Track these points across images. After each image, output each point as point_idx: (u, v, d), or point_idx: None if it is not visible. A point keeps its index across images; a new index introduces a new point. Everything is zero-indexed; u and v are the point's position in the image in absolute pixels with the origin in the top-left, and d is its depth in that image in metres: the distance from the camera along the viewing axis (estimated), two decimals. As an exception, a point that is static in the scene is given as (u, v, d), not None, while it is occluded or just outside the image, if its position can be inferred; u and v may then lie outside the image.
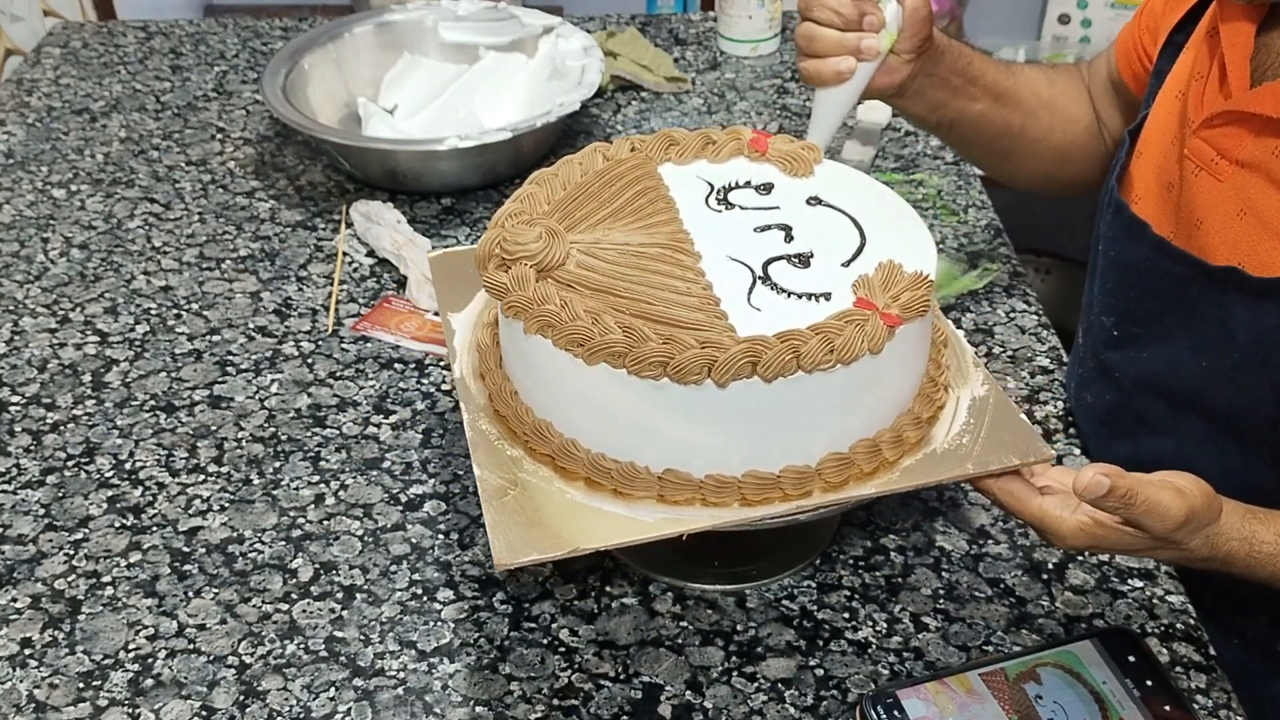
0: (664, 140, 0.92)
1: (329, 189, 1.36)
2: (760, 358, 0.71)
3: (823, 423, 0.75)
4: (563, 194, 0.86)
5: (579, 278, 0.78)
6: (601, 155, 0.91)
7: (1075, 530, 0.75)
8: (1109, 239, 0.98)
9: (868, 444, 0.77)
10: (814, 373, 0.72)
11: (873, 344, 0.72)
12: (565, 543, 0.73)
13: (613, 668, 0.83)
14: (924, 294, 0.76)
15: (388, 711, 0.80)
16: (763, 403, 0.73)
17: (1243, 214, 0.85)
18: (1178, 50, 0.96)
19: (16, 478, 0.99)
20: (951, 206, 1.31)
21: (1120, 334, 0.97)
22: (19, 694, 0.81)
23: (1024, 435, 0.79)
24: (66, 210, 1.33)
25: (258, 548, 0.92)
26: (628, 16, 1.74)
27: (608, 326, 0.74)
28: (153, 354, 1.12)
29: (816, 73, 0.96)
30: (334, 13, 2.18)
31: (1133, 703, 0.76)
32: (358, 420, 1.04)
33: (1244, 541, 0.77)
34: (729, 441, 0.75)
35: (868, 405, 0.77)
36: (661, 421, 0.75)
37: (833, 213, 0.85)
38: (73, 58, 1.66)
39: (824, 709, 0.80)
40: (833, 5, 0.94)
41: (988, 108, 1.06)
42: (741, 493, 0.75)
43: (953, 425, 0.81)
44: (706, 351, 0.71)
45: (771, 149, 0.91)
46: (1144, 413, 0.96)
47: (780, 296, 0.77)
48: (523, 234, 0.80)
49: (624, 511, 0.76)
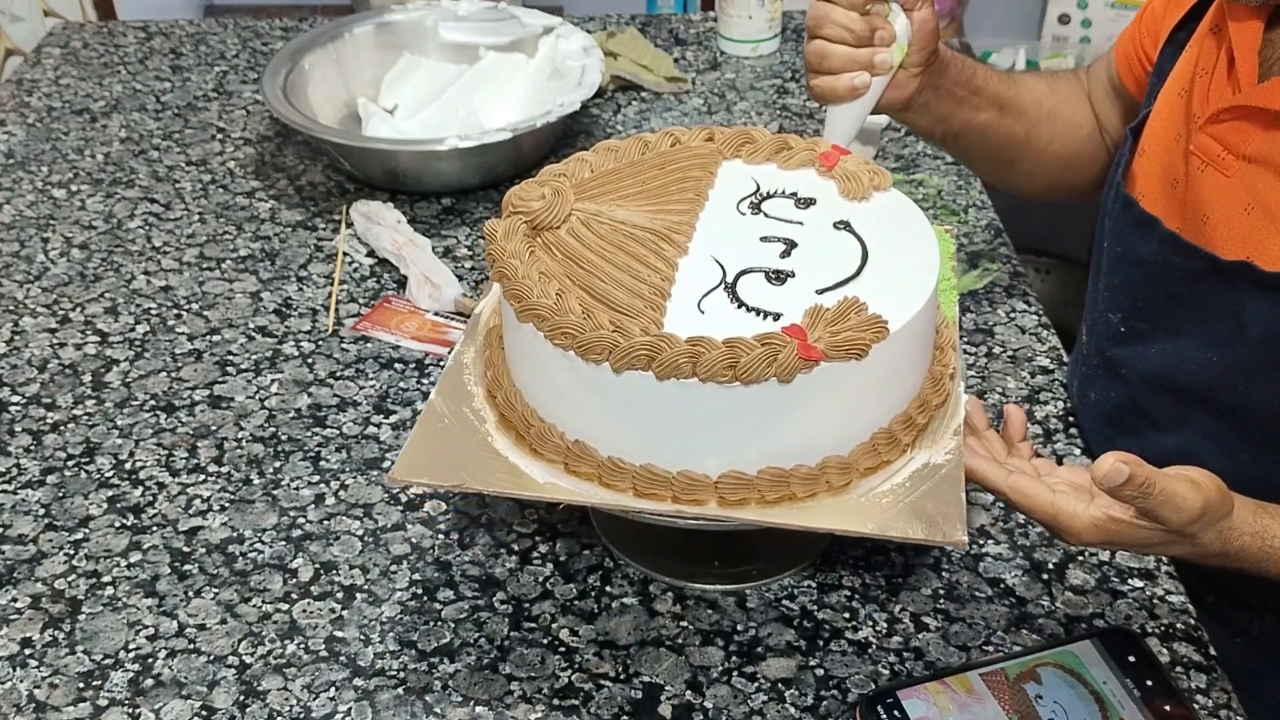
0: (741, 137, 0.92)
1: (329, 189, 1.36)
2: (659, 354, 0.71)
3: (759, 436, 0.74)
4: (611, 166, 0.88)
5: (560, 241, 0.81)
6: (673, 139, 0.92)
7: (1090, 526, 0.74)
8: (1115, 235, 0.98)
9: (807, 470, 0.75)
10: (748, 385, 0.71)
11: (782, 372, 0.71)
12: (457, 478, 0.78)
13: (613, 668, 0.83)
14: (866, 338, 0.72)
15: (388, 711, 0.80)
16: (698, 403, 0.72)
17: (1250, 209, 0.85)
18: (1179, 48, 0.96)
19: (16, 478, 0.99)
20: (951, 206, 1.31)
21: (1127, 330, 0.97)
22: (19, 694, 0.81)
23: (948, 516, 0.74)
24: (66, 210, 1.33)
25: (258, 548, 0.92)
26: (628, 16, 1.75)
27: (545, 291, 0.76)
28: (153, 354, 1.12)
29: (831, 89, 0.94)
30: (334, 13, 2.18)
31: (1133, 703, 0.76)
32: (358, 420, 1.04)
33: (1256, 536, 0.77)
34: (663, 437, 0.75)
35: (802, 431, 0.75)
36: (601, 403, 0.76)
37: (852, 240, 0.83)
38: (73, 58, 1.66)
39: (824, 709, 0.80)
40: (844, 22, 0.93)
41: (992, 118, 1.06)
42: (673, 490, 0.76)
43: (887, 481, 0.77)
44: (613, 335, 0.72)
45: (838, 167, 0.89)
46: (1151, 409, 0.96)
47: (732, 306, 0.76)
48: (532, 191, 0.83)
49: (530, 470, 0.78)
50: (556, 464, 0.79)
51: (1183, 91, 0.93)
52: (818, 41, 0.95)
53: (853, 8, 0.93)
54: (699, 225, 0.84)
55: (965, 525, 0.73)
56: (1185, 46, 0.95)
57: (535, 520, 0.94)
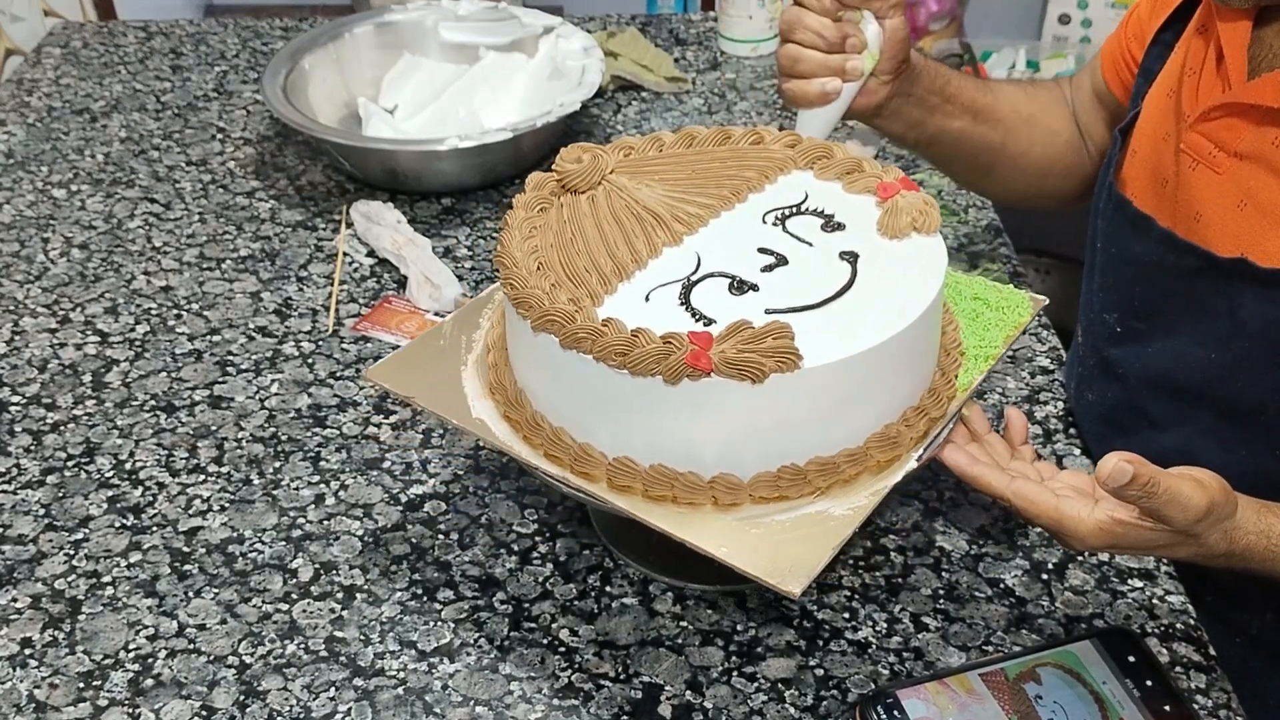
0: (821, 150, 0.90)
1: (329, 189, 1.36)
2: (568, 324, 0.73)
3: (646, 431, 0.74)
4: (681, 151, 0.91)
5: (576, 205, 0.84)
6: (757, 138, 0.92)
7: (1095, 530, 0.74)
8: (1109, 235, 0.98)
9: (694, 479, 0.75)
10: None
11: (668, 373, 0.70)
12: (411, 391, 0.84)
13: (613, 668, 0.83)
14: (765, 364, 0.70)
15: (388, 711, 0.80)
16: (596, 381, 0.73)
17: (1243, 205, 0.86)
18: (1166, 49, 0.96)
19: (16, 478, 0.99)
20: (951, 206, 1.31)
21: (1123, 330, 0.97)
22: (19, 694, 0.81)
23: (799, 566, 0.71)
24: (66, 210, 1.33)
25: (258, 548, 0.92)
26: (628, 16, 1.75)
27: (523, 245, 0.80)
28: (153, 354, 1.12)
29: (802, 93, 0.97)
30: (334, 13, 2.18)
31: (1133, 703, 0.76)
32: (358, 420, 1.04)
33: (1261, 535, 0.76)
34: (571, 406, 0.77)
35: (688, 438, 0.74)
36: (534, 360, 0.78)
37: (845, 273, 0.79)
38: (73, 58, 1.66)
39: (824, 709, 0.80)
40: (815, 28, 0.95)
41: (966, 125, 1.08)
42: (571, 460, 0.77)
43: (777, 515, 0.75)
44: (543, 296, 0.75)
45: (893, 200, 0.83)
46: (1148, 409, 0.96)
47: (677, 304, 0.76)
48: (574, 153, 0.86)
49: (476, 406, 0.83)
50: (500, 407, 0.83)
51: (1171, 91, 0.93)
52: (790, 46, 0.97)
53: (825, 14, 0.95)
54: (713, 222, 0.84)
55: (809, 579, 0.70)
56: (1173, 47, 0.96)
57: (535, 520, 0.94)
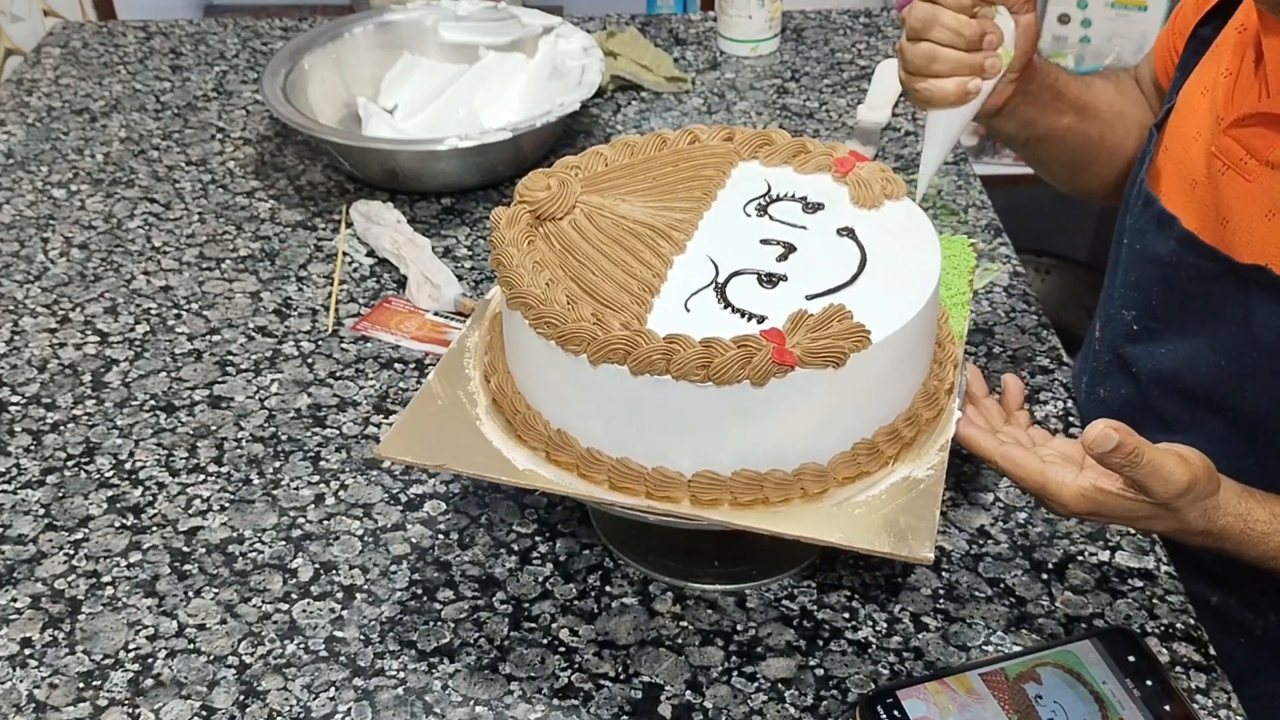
0: (759, 139, 0.91)
1: (329, 189, 1.36)
2: (634, 350, 0.71)
3: (733, 438, 0.74)
4: (626, 161, 0.89)
5: (561, 232, 0.82)
6: (692, 137, 0.92)
7: (1077, 496, 0.75)
8: (1135, 231, 0.97)
9: (782, 475, 0.75)
10: (722, 386, 0.71)
11: (755, 375, 0.70)
12: (439, 459, 0.79)
13: (613, 668, 0.83)
14: (845, 346, 0.71)
15: (388, 711, 0.80)
16: (672, 401, 0.72)
17: (1271, 215, 0.85)
18: (1203, 44, 0.95)
19: (16, 478, 0.99)
20: (951, 206, 1.31)
21: (1140, 328, 0.97)
22: (19, 694, 0.81)
23: (918, 532, 0.73)
24: (66, 210, 1.33)
25: (258, 548, 0.92)
26: (628, 16, 1.74)
27: (536, 281, 0.77)
28: (153, 354, 1.12)
29: (941, 93, 0.89)
30: (334, 13, 2.18)
31: (1133, 703, 0.76)
32: (358, 420, 1.04)
33: (1239, 518, 0.78)
34: (639, 433, 0.75)
35: (776, 436, 0.74)
36: (580, 395, 0.76)
37: (852, 247, 0.82)
38: (73, 58, 1.66)
39: (824, 709, 0.80)
40: (953, 25, 0.88)
41: (1072, 122, 1.04)
42: (646, 486, 0.76)
43: (865, 492, 0.77)
44: (592, 328, 0.72)
45: (853, 173, 0.87)
46: (1160, 409, 0.96)
47: (719, 306, 0.76)
48: (539, 181, 0.84)
49: (513, 456, 0.79)
50: (539, 452, 0.79)
51: (1205, 90, 0.92)
52: (925, 44, 0.89)
53: (962, 10, 0.88)
54: (702, 224, 0.84)
55: (933, 542, 0.72)
56: (1210, 43, 0.95)
57: (535, 520, 0.94)
